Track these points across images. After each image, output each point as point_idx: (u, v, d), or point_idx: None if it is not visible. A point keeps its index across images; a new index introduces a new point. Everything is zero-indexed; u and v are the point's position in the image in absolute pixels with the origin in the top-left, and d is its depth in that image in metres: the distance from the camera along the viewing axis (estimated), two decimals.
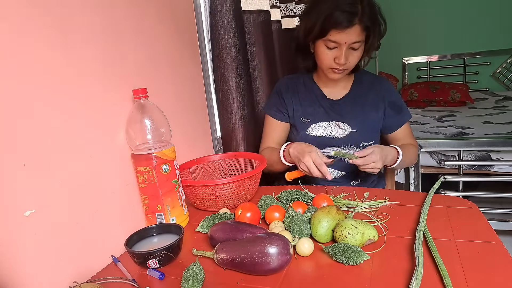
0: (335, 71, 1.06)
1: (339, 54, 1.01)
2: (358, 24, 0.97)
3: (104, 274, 0.71)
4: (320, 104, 1.17)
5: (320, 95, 1.18)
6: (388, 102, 1.14)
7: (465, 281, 0.57)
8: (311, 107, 1.17)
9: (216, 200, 0.92)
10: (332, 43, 1.01)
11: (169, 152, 0.82)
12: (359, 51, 1.03)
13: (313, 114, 1.16)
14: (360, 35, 0.99)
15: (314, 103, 1.17)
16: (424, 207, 0.80)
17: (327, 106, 1.16)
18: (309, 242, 0.69)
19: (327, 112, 1.16)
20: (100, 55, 0.75)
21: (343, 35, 0.98)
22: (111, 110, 0.78)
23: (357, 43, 1.00)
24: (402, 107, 1.16)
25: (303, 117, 1.17)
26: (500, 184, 2.15)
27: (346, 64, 1.04)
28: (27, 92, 0.60)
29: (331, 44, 1.01)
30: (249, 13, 1.27)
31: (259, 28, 1.31)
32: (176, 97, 1.03)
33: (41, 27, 0.62)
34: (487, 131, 2.11)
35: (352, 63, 1.05)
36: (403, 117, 1.16)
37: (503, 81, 3.34)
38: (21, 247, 0.59)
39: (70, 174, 0.68)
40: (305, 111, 1.17)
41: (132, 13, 0.84)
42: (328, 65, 1.06)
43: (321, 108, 1.16)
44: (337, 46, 1.01)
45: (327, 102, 1.17)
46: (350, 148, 1.12)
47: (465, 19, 3.31)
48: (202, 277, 0.63)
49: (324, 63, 1.07)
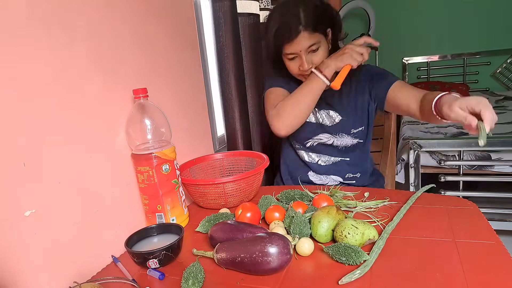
0: (305, 76, 1.08)
1: (301, 61, 1.04)
2: (304, 30, 0.99)
3: (104, 274, 0.71)
4: None
5: None
6: (370, 79, 1.11)
7: (465, 281, 0.57)
8: None
9: (224, 198, 0.94)
10: (290, 54, 1.05)
11: (169, 152, 0.82)
12: (321, 50, 1.04)
13: None
14: (311, 39, 1.00)
15: None
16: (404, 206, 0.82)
17: None
18: (309, 242, 0.69)
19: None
20: (100, 55, 0.75)
21: (294, 45, 1.01)
22: (111, 110, 0.78)
23: (313, 46, 1.02)
24: (386, 73, 1.11)
25: None
26: (500, 184, 2.15)
27: (313, 66, 1.05)
28: (27, 92, 0.60)
29: (290, 56, 1.05)
30: (239, 16, 1.28)
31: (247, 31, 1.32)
32: (176, 97, 1.03)
33: (41, 28, 0.62)
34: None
35: (318, 62, 1.05)
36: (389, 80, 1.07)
37: (503, 81, 3.34)
38: (21, 247, 0.59)
39: (70, 174, 0.68)
40: None
41: (132, 13, 0.84)
42: (296, 73, 1.10)
43: None
44: (297, 56, 1.04)
45: None
46: (341, 136, 1.13)
47: (465, 19, 3.31)
48: (202, 277, 0.63)
49: (293, 72, 1.10)
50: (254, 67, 1.37)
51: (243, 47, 1.31)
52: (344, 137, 1.15)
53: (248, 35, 1.33)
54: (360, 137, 1.15)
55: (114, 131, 0.79)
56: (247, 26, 1.32)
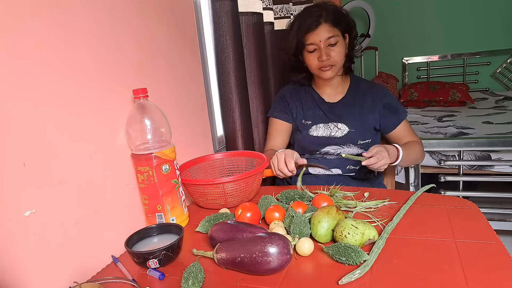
0: (323, 69, 1.16)
1: (320, 53, 1.14)
2: (324, 22, 1.12)
3: (104, 274, 0.71)
4: (319, 107, 1.26)
5: (319, 99, 1.27)
6: (384, 104, 1.22)
7: (465, 281, 0.57)
8: (311, 110, 1.26)
9: (224, 198, 0.94)
10: (310, 46, 1.15)
11: (169, 152, 0.82)
12: (339, 46, 1.14)
13: (314, 117, 1.25)
14: (331, 31, 1.12)
15: (314, 106, 1.26)
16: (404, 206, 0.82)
17: (325, 109, 1.25)
18: (309, 242, 0.69)
19: (325, 114, 1.24)
20: (100, 55, 0.75)
21: (315, 35, 1.13)
22: (111, 110, 0.78)
23: (332, 38, 1.12)
24: (398, 108, 1.23)
25: (304, 119, 1.26)
26: (500, 184, 2.15)
27: (330, 60, 1.14)
28: (27, 92, 0.60)
29: (310, 48, 1.15)
30: (242, 15, 1.28)
31: (251, 30, 1.32)
32: (176, 97, 1.03)
33: (40, 28, 0.62)
34: (487, 131, 2.11)
35: (336, 58, 1.14)
36: (399, 116, 1.22)
37: (503, 81, 3.34)
38: (21, 247, 0.59)
39: (70, 174, 0.68)
40: (306, 113, 1.26)
41: (133, 13, 0.84)
42: (316, 66, 1.17)
43: (320, 111, 1.25)
44: (316, 48, 1.14)
45: (325, 106, 1.25)
46: (349, 146, 1.21)
47: (465, 19, 3.31)
48: (202, 277, 0.63)
49: (313, 66, 1.18)
50: (257, 66, 1.37)
51: (245, 47, 1.30)
52: (351, 147, 1.21)
53: (251, 34, 1.31)
54: (366, 148, 1.17)
55: (114, 131, 0.79)
56: (250, 25, 1.31)
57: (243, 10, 1.28)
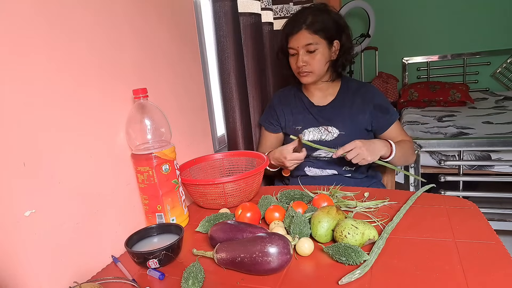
0: (300, 74, 1.17)
1: (298, 58, 1.15)
2: (305, 29, 1.11)
3: (104, 274, 0.71)
4: (309, 111, 1.25)
5: (308, 103, 1.26)
6: (374, 105, 1.20)
7: (465, 281, 0.57)
8: (301, 114, 1.26)
9: (224, 198, 0.94)
10: (291, 50, 1.16)
11: (169, 152, 0.82)
12: (318, 54, 1.13)
13: (304, 121, 1.25)
14: (310, 38, 1.11)
15: (303, 111, 1.26)
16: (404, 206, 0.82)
17: (315, 112, 1.24)
18: (309, 242, 0.69)
19: (315, 118, 1.24)
20: (100, 55, 0.75)
21: (294, 41, 1.14)
22: (111, 110, 0.78)
23: (310, 45, 1.12)
24: (388, 108, 1.22)
25: (295, 124, 1.26)
26: (500, 184, 2.15)
27: (308, 66, 1.14)
28: (27, 92, 0.60)
29: (291, 51, 1.17)
30: (240, 15, 1.29)
31: (249, 31, 1.32)
32: (176, 97, 1.03)
33: (40, 28, 0.62)
34: (487, 131, 2.11)
35: (315, 66, 1.14)
36: (390, 117, 1.21)
37: (503, 81, 3.34)
38: (21, 247, 0.59)
39: (70, 174, 0.68)
40: (296, 118, 1.26)
41: (133, 13, 0.84)
42: (294, 70, 1.19)
43: (310, 115, 1.25)
44: (296, 52, 1.15)
45: (315, 109, 1.25)
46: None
47: (465, 19, 3.31)
48: (202, 277, 0.63)
49: (293, 69, 1.20)
50: (256, 66, 1.37)
51: (244, 47, 1.31)
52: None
53: (249, 35, 1.32)
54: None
55: (114, 131, 0.79)
56: (248, 26, 1.32)
57: (241, 10, 1.28)
